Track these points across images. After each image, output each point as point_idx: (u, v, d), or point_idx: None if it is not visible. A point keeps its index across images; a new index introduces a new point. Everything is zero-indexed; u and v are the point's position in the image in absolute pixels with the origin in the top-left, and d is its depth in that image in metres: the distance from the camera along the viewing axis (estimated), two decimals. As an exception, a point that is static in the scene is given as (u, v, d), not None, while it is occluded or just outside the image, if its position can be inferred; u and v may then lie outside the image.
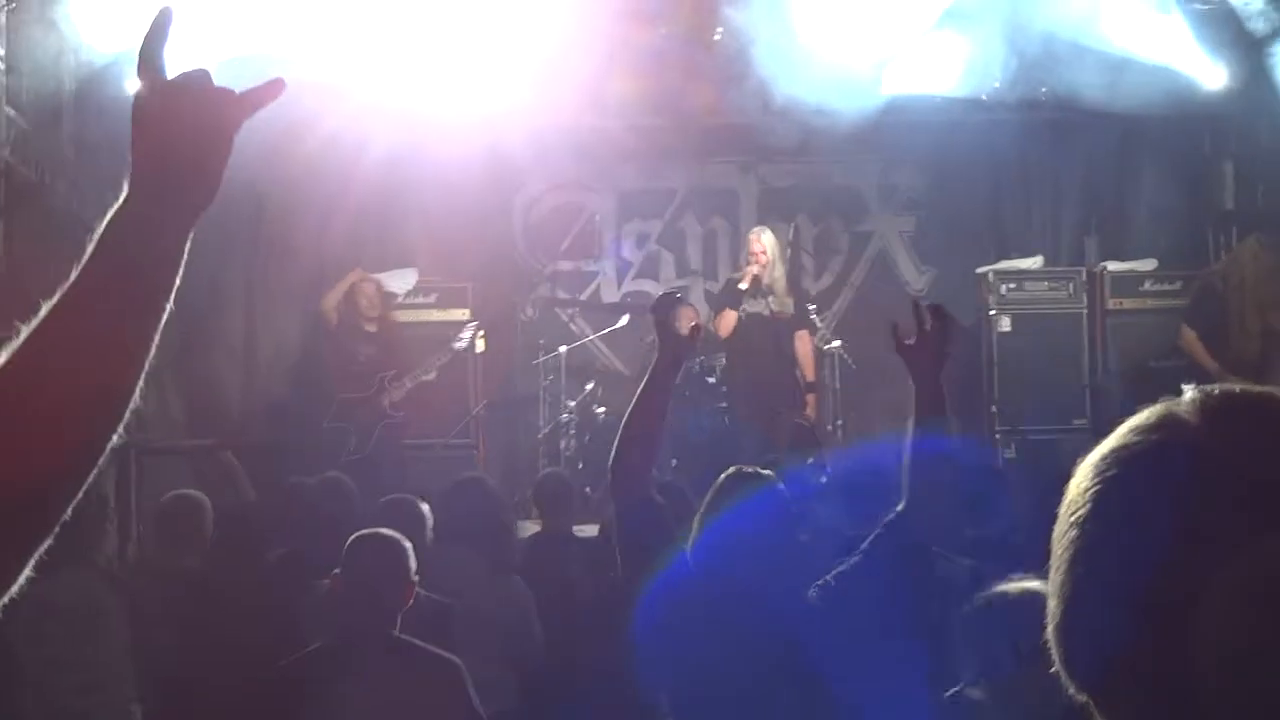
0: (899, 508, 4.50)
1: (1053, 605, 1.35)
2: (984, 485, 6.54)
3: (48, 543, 1.71)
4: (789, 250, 12.28)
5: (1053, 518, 1.37)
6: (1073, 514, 1.34)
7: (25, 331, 1.74)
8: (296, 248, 12.62)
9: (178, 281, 1.87)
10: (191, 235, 1.89)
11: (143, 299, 1.82)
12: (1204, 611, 1.23)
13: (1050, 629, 1.36)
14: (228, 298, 12.62)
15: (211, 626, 6.06)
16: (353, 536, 4.87)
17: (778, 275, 11.58)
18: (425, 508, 5.89)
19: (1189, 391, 1.36)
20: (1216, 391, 1.35)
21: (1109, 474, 1.33)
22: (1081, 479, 1.36)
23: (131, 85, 7.69)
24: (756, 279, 11.38)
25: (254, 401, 12.57)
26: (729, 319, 11.47)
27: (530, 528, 8.53)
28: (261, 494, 8.24)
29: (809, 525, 7.53)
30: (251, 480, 10.18)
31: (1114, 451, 1.35)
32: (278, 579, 6.29)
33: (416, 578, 4.84)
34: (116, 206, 1.85)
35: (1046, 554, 1.38)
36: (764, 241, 11.54)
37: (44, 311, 1.75)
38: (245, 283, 12.71)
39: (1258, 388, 1.36)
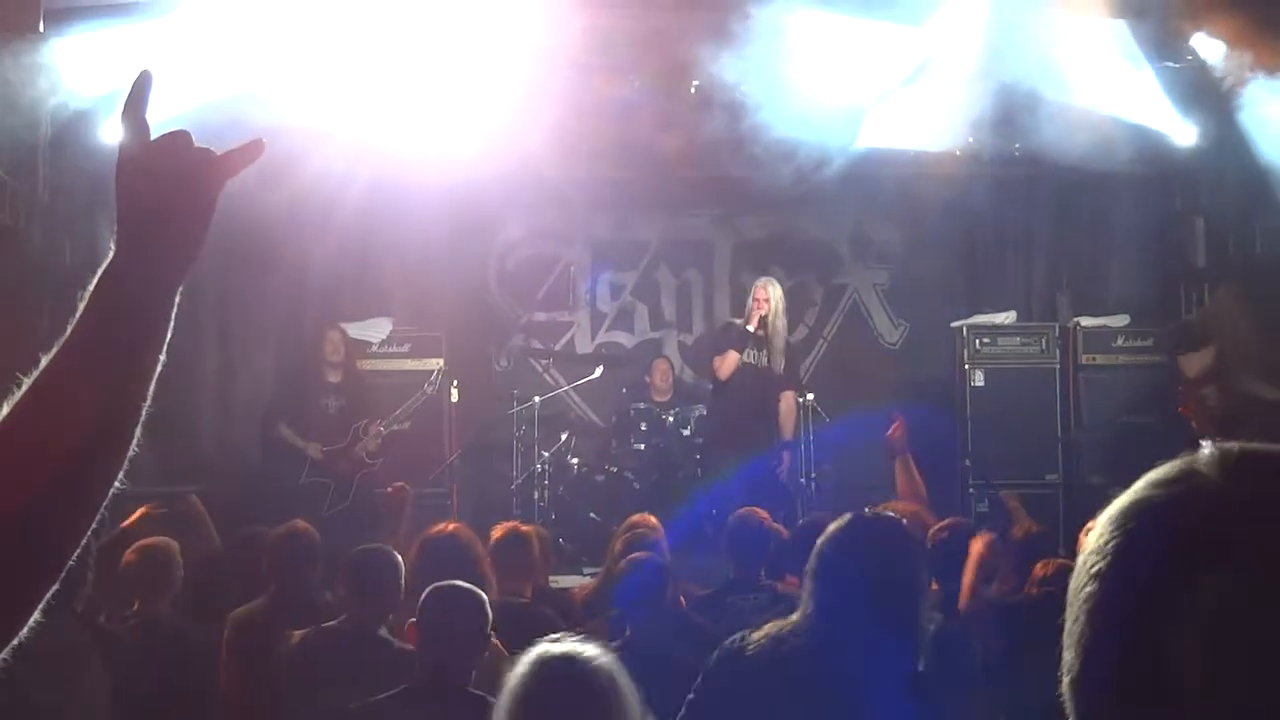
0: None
1: (1069, 657, 1.34)
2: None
3: (53, 588, 1.78)
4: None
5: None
6: (1091, 567, 1.33)
7: (25, 385, 1.79)
8: (272, 295, 12.59)
9: (169, 334, 1.92)
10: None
11: (134, 352, 1.88)
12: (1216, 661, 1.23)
13: (1066, 681, 1.35)
14: (202, 344, 12.57)
15: (181, 678, 6.01)
16: (431, 587, 4.83)
17: (778, 329, 11.58)
18: (398, 558, 5.83)
19: (1207, 447, 1.35)
20: (1236, 447, 1.34)
21: (1129, 527, 1.33)
22: (1100, 532, 1.35)
23: (109, 135, 7.74)
24: (762, 321, 11.38)
25: (228, 449, 12.51)
26: (731, 360, 11.47)
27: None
28: (230, 543, 8.15)
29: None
30: (223, 528, 10.10)
31: (1134, 505, 1.34)
32: (249, 628, 6.24)
33: (492, 632, 4.80)
34: (105, 263, 1.90)
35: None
36: (769, 291, 11.55)
37: (42, 365, 1.80)
38: (220, 329, 12.67)
39: (1276, 445, 1.35)
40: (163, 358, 1.90)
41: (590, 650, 3.44)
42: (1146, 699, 1.26)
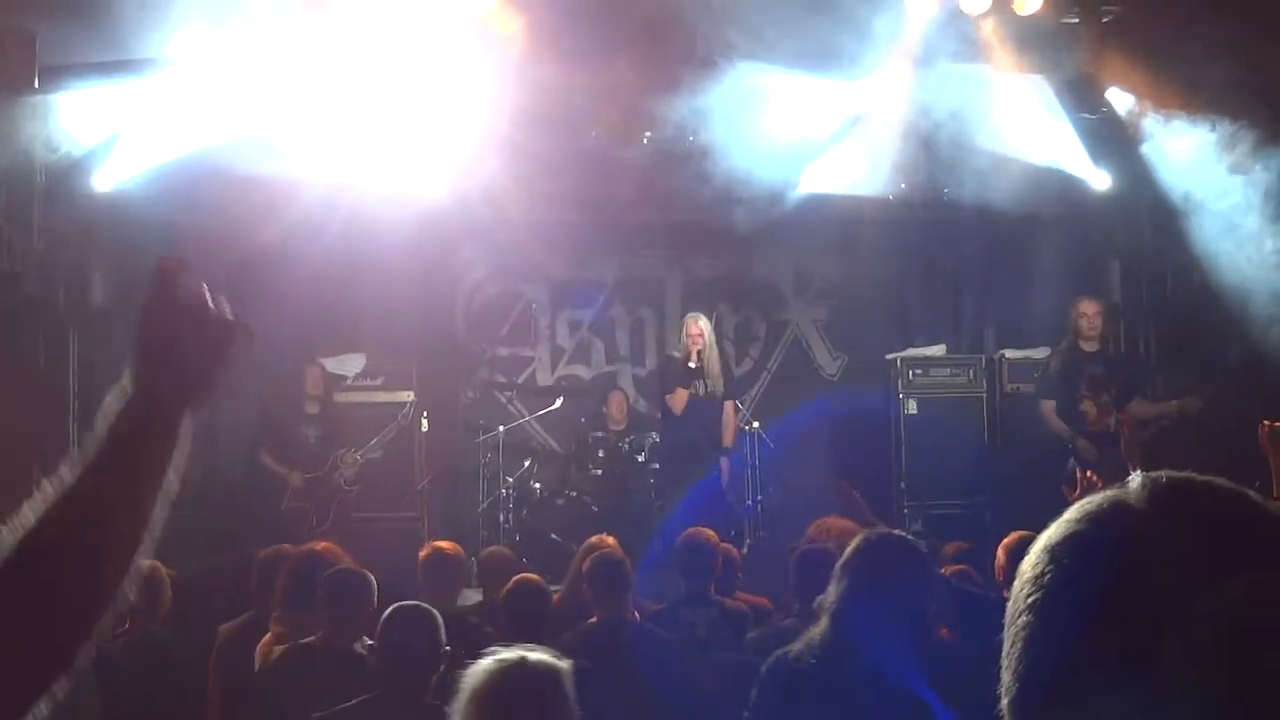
0: None
1: (1008, 679, 1.33)
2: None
3: (62, 681, 1.82)
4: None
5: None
6: (1027, 597, 1.32)
7: (46, 500, 1.86)
8: (255, 328, 12.53)
9: (179, 457, 2.01)
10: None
11: (143, 475, 1.95)
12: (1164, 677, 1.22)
13: (1005, 701, 1.34)
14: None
15: (170, 693, 6.00)
16: (391, 607, 4.94)
17: (712, 358, 11.62)
18: (372, 578, 5.84)
19: (1135, 478, 1.35)
20: (1163, 477, 1.34)
21: (1061, 560, 1.31)
22: (1035, 562, 1.34)
23: (101, 183, 7.70)
24: (699, 355, 11.42)
25: (212, 474, 12.47)
26: (681, 397, 11.48)
27: (472, 596, 8.47)
28: (217, 565, 8.14)
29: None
30: (208, 551, 10.06)
31: (1065, 538, 1.33)
32: (236, 643, 6.23)
33: (449, 648, 4.84)
34: (122, 400, 1.99)
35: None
36: (700, 325, 11.59)
37: (60, 485, 1.88)
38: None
39: (1200, 476, 1.34)
40: (171, 476, 1.98)
41: (538, 655, 3.56)
42: None
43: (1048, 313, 12.38)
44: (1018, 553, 6.59)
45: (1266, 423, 5.74)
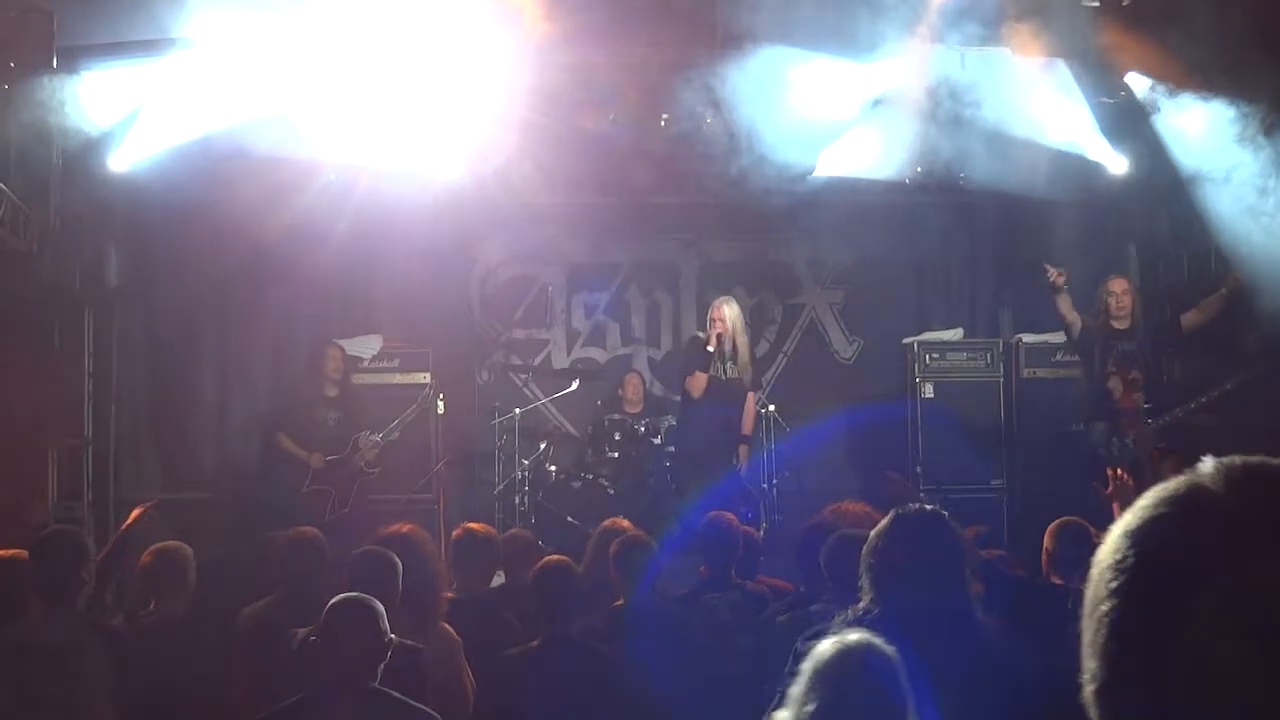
0: None
1: (1093, 666, 1.34)
2: None
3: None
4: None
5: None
6: (1109, 582, 1.33)
7: None
8: (267, 312, 12.55)
9: None
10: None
11: None
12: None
13: (1091, 689, 1.34)
14: (201, 359, 12.53)
15: (193, 673, 5.96)
16: (334, 600, 4.87)
17: (741, 343, 11.54)
18: (397, 559, 5.78)
19: (1208, 462, 1.36)
20: (1238, 461, 1.35)
21: (1144, 545, 1.33)
22: (1115, 548, 1.35)
23: (117, 163, 7.67)
24: (720, 340, 11.35)
25: (226, 458, 12.46)
26: (700, 381, 11.39)
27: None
28: (237, 548, 8.10)
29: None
30: (226, 535, 10.03)
31: (1146, 524, 1.34)
32: (255, 629, 6.19)
33: (392, 636, 4.79)
34: None
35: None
36: (724, 311, 11.50)
37: None
38: (218, 345, 12.61)
39: (1271, 459, 1.36)
40: None
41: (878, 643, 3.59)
42: (1171, 705, 1.26)
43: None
44: (1067, 538, 6.54)
45: None
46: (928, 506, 4.43)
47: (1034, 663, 4.27)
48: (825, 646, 3.56)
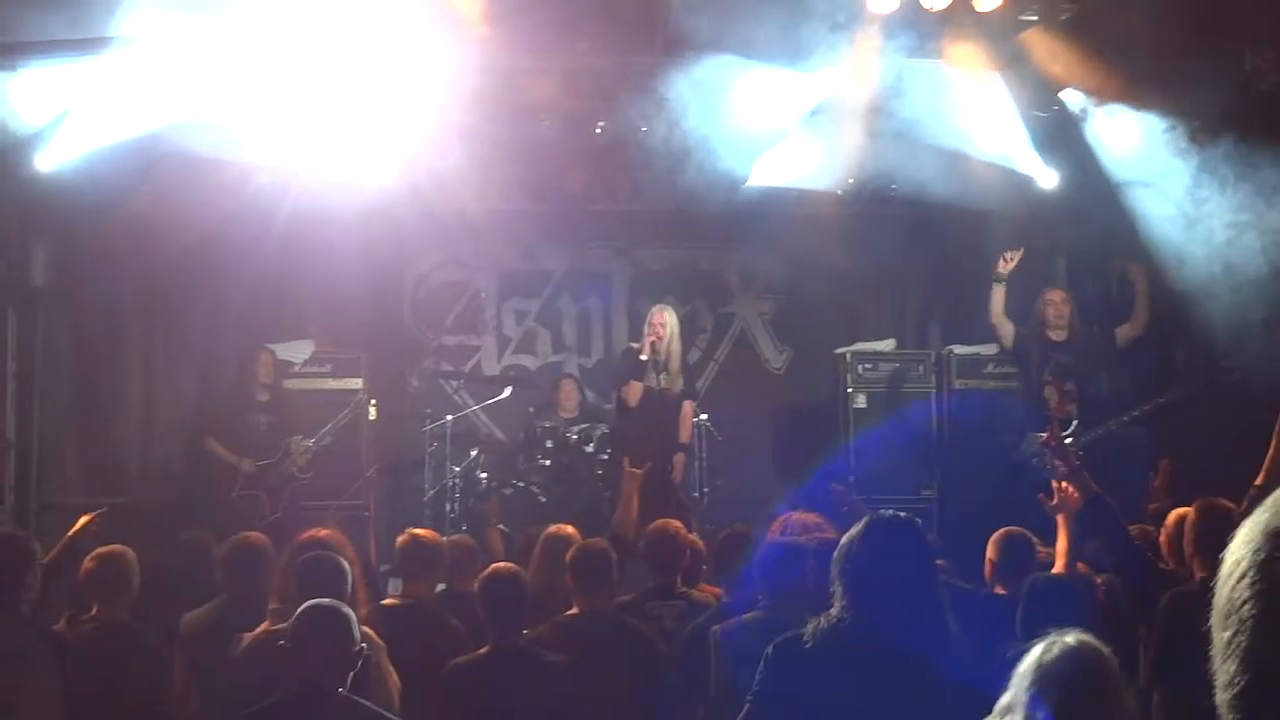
0: None
1: (1231, 669, 1.29)
2: None
3: None
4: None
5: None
6: (1252, 584, 1.28)
7: None
8: (196, 317, 12.39)
9: None
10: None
11: None
12: None
13: (1230, 694, 1.29)
14: (128, 362, 12.32)
15: (136, 679, 5.87)
16: (303, 606, 4.81)
17: (674, 352, 11.53)
18: (345, 564, 5.71)
19: None
20: None
21: None
22: (1254, 548, 1.30)
23: (44, 162, 7.52)
24: (654, 348, 11.32)
25: (151, 463, 12.26)
26: (636, 390, 11.38)
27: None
28: (171, 553, 7.97)
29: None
30: (151, 539, 9.87)
31: None
32: (198, 634, 6.10)
33: (363, 645, 4.73)
34: None
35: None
36: (665, 317, 11.50)
37: None
38: (145, 348, 12.41)
39: None
40: None
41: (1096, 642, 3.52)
42: None
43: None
44: (1010, 549, 6.56)
45: None
46: (900, 514, 4.41)
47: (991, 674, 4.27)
48: (1045, 649, 3.54)
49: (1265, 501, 1.31)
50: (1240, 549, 1.31)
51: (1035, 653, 3.42)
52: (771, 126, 11.12)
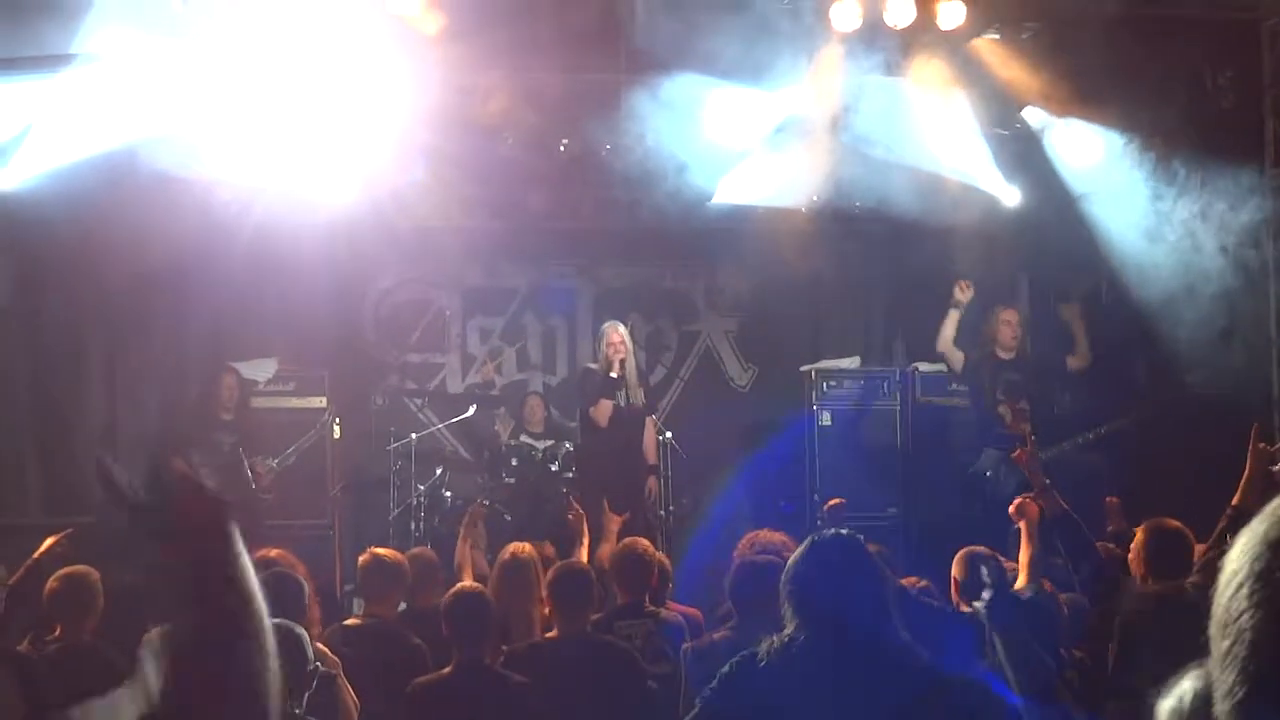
0: None
1: (1229, 679, 1.28)
2: None
3: None
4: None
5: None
6: (1251, 594, 1.27)
7: None
8: (159, 335, 12.30)
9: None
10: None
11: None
12: None
13: (1228, 704, 1.28)
14: (90, 380, 12.22)
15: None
16: None
17: (631, 367, 11.53)
18: (303, 580, 5.70)
19: None
20: None
21: None
22: (1253, 557, 1.29)
23: (5, 180, 7.45)
24: (623, 365, 11.30)
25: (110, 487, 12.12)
26: (605, 408, 11.35)
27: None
28: (134, 574, 7.90)
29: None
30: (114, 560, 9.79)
31: None
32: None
33: (317, 664, 4.70)
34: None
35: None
36: (620, 333, 11.48)
37: None
38: (107, 366, 12.31)
39: None
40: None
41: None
42: None
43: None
44: (976, 566, 6.56)
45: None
46: (843, 531, 4.41)
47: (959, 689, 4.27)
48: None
49: (1263, 511, 1.31)
50: (1239, 559, 1.31)
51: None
52: (735, 144, 11.13)
